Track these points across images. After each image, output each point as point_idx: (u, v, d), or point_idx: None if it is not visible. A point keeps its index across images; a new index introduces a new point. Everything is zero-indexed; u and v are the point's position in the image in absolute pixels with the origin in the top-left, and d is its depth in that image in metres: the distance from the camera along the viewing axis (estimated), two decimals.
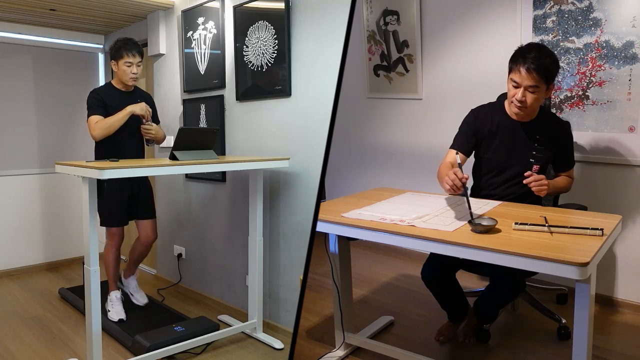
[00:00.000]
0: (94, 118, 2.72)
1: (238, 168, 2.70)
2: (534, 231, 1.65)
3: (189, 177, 3.44)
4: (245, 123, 2.96)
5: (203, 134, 2.60)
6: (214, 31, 3.10)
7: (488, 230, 1.64)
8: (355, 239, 1.99)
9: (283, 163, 2.58)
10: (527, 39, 2.83)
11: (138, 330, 2.66)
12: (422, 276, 2.23)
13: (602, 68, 2.63)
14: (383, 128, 3.73)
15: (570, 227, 1.62)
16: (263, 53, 2.76)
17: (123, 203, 2.92)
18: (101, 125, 2.70)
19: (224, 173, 3.12)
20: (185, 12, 3.32)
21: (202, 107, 3.24)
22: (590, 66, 2.67)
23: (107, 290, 3.00)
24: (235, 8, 2.93)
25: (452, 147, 2.23)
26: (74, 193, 4.16)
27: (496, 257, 1.51)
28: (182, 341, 2.48)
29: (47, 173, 4.12)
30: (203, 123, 3.24)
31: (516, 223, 1.68)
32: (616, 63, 2.58)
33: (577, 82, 2.72)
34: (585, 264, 1.35)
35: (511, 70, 2.01)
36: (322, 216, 1.93)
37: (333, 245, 2.20)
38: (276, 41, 2.67)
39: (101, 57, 4.46)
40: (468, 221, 1.70)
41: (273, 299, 2.84)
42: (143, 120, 2.82)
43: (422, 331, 2.52)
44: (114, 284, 3.02)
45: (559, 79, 2.77)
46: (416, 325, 2.60)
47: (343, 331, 2.28)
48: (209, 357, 2.55)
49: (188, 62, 3.34)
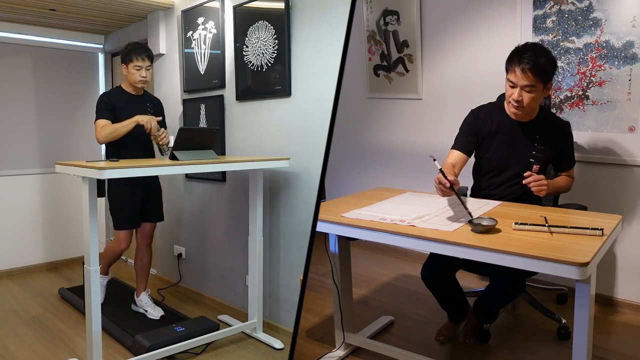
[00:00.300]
0: (101, 122, 2.72)
1: (238, 168, 2.71)
2: (534, 231, 1.65)
3: (189, 177, 3.44)
4: (245, 123, 2.96)
5: (203, 134, 2.60)
6: (214, 31, 3.10)
7: (488, 230, 1.64)
8: (355, 239, 1.99)
9: (283, 163, 2.58)
10: (527, 39, 2.83)
11: (138, 330, 2.66)
12: (422, 276, 2.23)
13: (602, 68, 2.63)
14: (383, 128, 3.73)
15: (570, 227, 1.62)
16: (263, 53, 2.76)
17: (135, 205, 2.92)
18: (107, 130, 2.69)
19: (224, 173, 3.12)
20: (185, 12, 3.32)
21: (202, 107, 3.24)
22: (590, 66, 2.67)
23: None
24: (235, 8, 2.93)
25: (453, 148, 2.23)
26: (74, 193, 4.16)
27: (496, 257, 1.51)
28: (182, 341, 2.48)
29: (47, 173, 4.12)
30: (203, 123, 3.24)
31: (516, 223, 1.68)
32: (616, 63, 2.58)
33: (577, 82, 2.72)
34: (585, 264, 1.35)
35: (507, 70, 2.01)
36: (322, 216, 1.93)
37: (333, 245, 2.20)
38: (276, 41, 2.67)
39: (101, 57, 4.46)
40: (468, 221, 1.70)
41: (273, 299, 2.84)
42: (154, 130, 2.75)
43: (422, 331, 2.52)
44: (105, 270, 3.15)
45: (559, 79, 2.77)
46: (416, 325, 2.60)
47: (343, 331, 2.28)
48: (209, 357, 2.55)
49: (188, 62, 3.34)
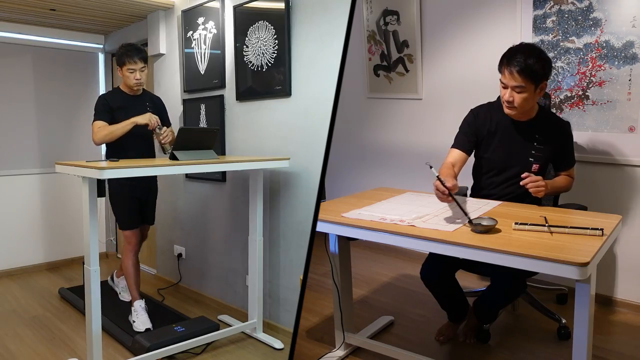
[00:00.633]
0: (98, 123, 2.72)
1: (238, 168, 2.71)
2: (534, 231, 1.65)
3: (189, 177, 3.44)
4: (245, 123, 2.96)
5: (203, 134, 2.60)
6: (214, 31, 3.10)
7: (488, 230, 1.64)
8: (355, 239, 1.99)
9: (283, 163, 2.58)
10: (527, 39, 2.83)
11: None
12: (422, 276, 2.23)
13: (602, 68, 2.63)
14: (383, 128, 3.73)
15: (570, 227, 1.62)
16: (263, 53, 2.76)
17: (136, 205, 2.92)
18: (103, 131, 2.69)
19: (224, 173, 3.12)
20: (185, 12, 3.32)
21: (202, 107, 3.24)
22: (590, 66, 2.67)
23: (130, 302, 2.95)
24: (235, 8, 2.93)
25: (453, 147, 2.23)
26: (74, 193, 4.16)
27: (496, 257, 1.51)
28: (182, 341, 2.48)
29: (47, 173, 4.12)
30: (203, 123, 3.24)
31: (516, 223, 1.68)
32: (616, 63, 2.58)
33: (577, 82, 2.72)
34: (585, 264, 1.35)
35: (499, 71, 2.05)
36: (322, 216, 1.93)
37: (333, 245, 2.20)
38: (276, 41, 2.67)
39: (101, 57, 4.46)
40: (468, 221, 1.70)
41: (273, 299, 2.84)
42: (156, 129, 2.76)
43: (422, 331, 2.52)
44: (137, 293, 2.90)
45: (559, 79, 2.77)
46: (416, 325, 2.60)
47: (343, 331, 2.28)
48: (209, 357, 2.55)
49: (188, 62, 3.34)
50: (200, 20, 3.20)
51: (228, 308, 3.11)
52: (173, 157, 2.33)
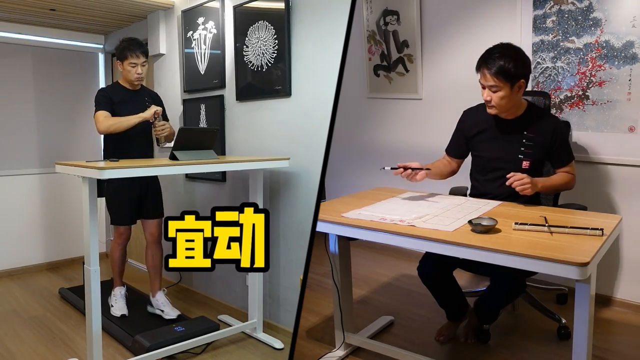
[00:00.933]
0: (102, 113, 2.71)
1: (238, 168, 2.71)
2: (534, 231, 1.65)
3: (189, 177, 3.44)
4: (245, 123, 2.96)
5: (203, 134, 2.60)
6: (214, 31, 3.10)
7: (488, 230, 1.64)
8: (355, 239, 1.99)
9: (283, 163, 2.58)
10: (527, 39, 2.84)
11: (138, 330, 2.66)
12: (419, 273, 2.24)
13: (602, 68, 2.63)
14: (383, 128, 3.72)
15: (570, 227, 1.62)
16: (263, 53, 2.76)
17: (132, 202, 2.93)
18: (109, 121, 2.68)
19: (224, 173, 3.12)
20: (185, 12, 3.32)
21: (202, 107, 3.24)
22: (590, 66, 2.67)
23: (112, 286, 3.08)
24: (235, 8, 2.93)
25: (446, 150, 2.36)
26: (74, 193, 4.15)
27: (496, 257, 1.51)
28: (182, 341, 2.48)
29: (47, 173, 4.12)
30: (203, 123, 3.24)
31: (516, 223, 1.69)
32: (616, 63, 2.58)
33: (577, 82, 2.72)
34: (585, 264, 1.35)
35: (477, 72, 2.11)
36: (322, 216, 1.93)
37: (333, 245, 2.20)
38: (276, 41, 2.67)
39: (101, 57, 4.46)
40: (468, 221, 1.70)
41: (273, 299, 2.84)
42: (155, 120, 2.75)
43: (422, 331, 2.52)
44: (119, 280, 3.08)
45: (559, 79, 2.77)
46: (416, 325, 2.60)
47: (343, 331, 2.28)
48: (209, 357, 2.55)
49: (188, 62, 3.34)
50: (200, 20, 3.20)
51: (228, 308, 3.11)
52: (173, 157, 2.33)
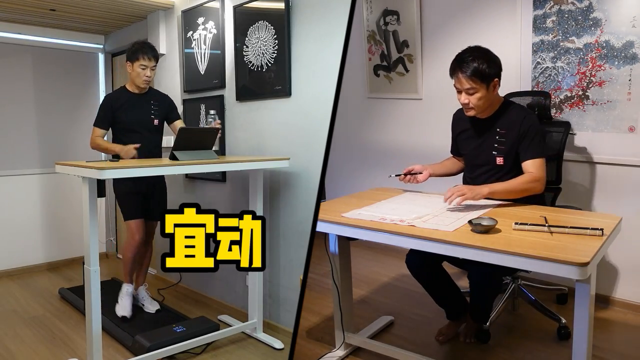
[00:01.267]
0: (96, 131, 2.86)
1: (238, 168, 2.71)
2: (534, 231, 1.65)
3: (189, 177, 3.44)
4: (245, 123, 2.96)
5: (203, 134, 2.60)
6: (214, 31, 3.10)
7: (488, 230, 1.64)
8: (355, 239, 1.99)
9: (283, 163, 2.58)
10: (527, 39, 2.84)
11: (138, 330, 2.66)
12: (407, 265, 2.26)
13: (602, 68, 2.63)
14: (383, 128, 3.72)
15: (570, 227, 1.62)
16: (263, 53, 2.76)
17: (139, 198, 2.93)
18: (97, 142, 2.84)
19: (224, 173, 3.12)
20: (185, 12, 3.32)
21: (202, 107, 3.24)
22: (590, 66, 2.67)
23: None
24: (235, 8, 2.93)
25: (450, 151, 2.41)
26: (74, 193, 4.15)
27: (496, 257, 1.51)
28: (182, 341, 2.48)
29: (47, 173, 4.12)
30: (203, 123, 3.24)
31: (516, 223, 1.69)
32: (616, 63, 2.58)
33: (577, 82, 2.72)
34: (585, 264, 1.35)
35: (451, 77, 2.12)
36: (322, 216, 1.93)
37: (333, 245, 2.20)
38: (276, 41, 2.67)
39: (101, 57, 4.46)
40: (468, 221, 1.70)
41: (273, 299, 2.84)
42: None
43: (422, 331, 2.52)
44: (129, 277, 2.98)
45: (559, 79, 2.77)
46: (416, 325, 2.60)
47: (343, 331, 2.28)
48: (209, 357, 2.55)
49: (188, 62, 3.34)
50: (200, 20, 3.20)
51: (228, 308, 3.11)
52: (173, 157, 2.33)
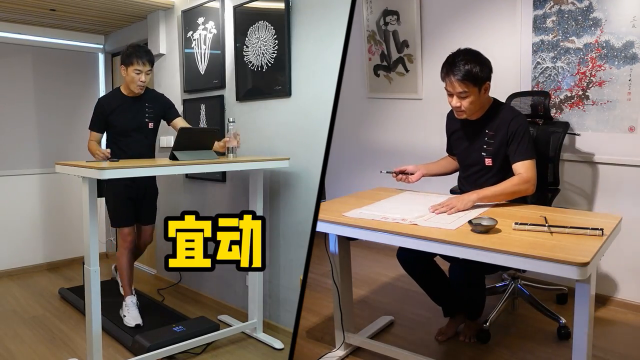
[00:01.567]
0: (91, 135, 2.87)
1: (238, 168, 2.71)
2: (534, 231, 1.65)
3: (189, 177, 3.44)
4: (245, 123, 2.96)
5: (203, 134, 2.60)
6: (214, 31, 3.10)
7: (488, 230, 1.64)
8: (355, 239, 1.99)
9: (283, 163, 2.58)
10: (527, 39, 2.84)
11: (138, 330, 2.66)
12: (399, 260, 2.26)
13: (602, 68, 2.63)
14: (383, 128, 3.72)
15: (570, 227, 1.62)
16: (263, 53, 2.76)
17: (130, 204, 2.94)
18: (89, 147, 2.83)
19: (224, 173, 3.12)
20: (185, 12, 3.32)
21: (202, 107, 3.24)
22: (590, 66, 2.67)
23: (122, 296, 2.96)
24: (235, 8, 2.93)
25: (446, 150, 2.41)
26: (74, 193, 4.15)
27: (496, 257, 1.51)
28: (182, 341, 2.48)
29: (47, 173, 4.12)
30: (203, 123, 3.24)
31: (516, 223, 1.69)
32: (616, 63, 2.58)
33: (577, 82, 2.72)
34: (585, 264, 1.35)
35: (442, 80, 2.10)
36: (322, 216, 1.93)
37: (333, 245, 2.20)
38: (276, 41, 2.67)
39: (101, 57, 4.46)
40: (468, 221, 1.70)
41: (273, 299, 2.84)
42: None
43: (422, 331, 2.52)
44: (129, 289, 2.93)
45: (559, 79, 2.77)
46: (416, 325, 2.60)
47: (343, 331, 2.28)
48: (209, 357, 2.55)
49: (188, 62, 3.34)
50: (200, 20, 3.20)
51: (228, 308, 3.11)
52: (173, 157, 2.33)
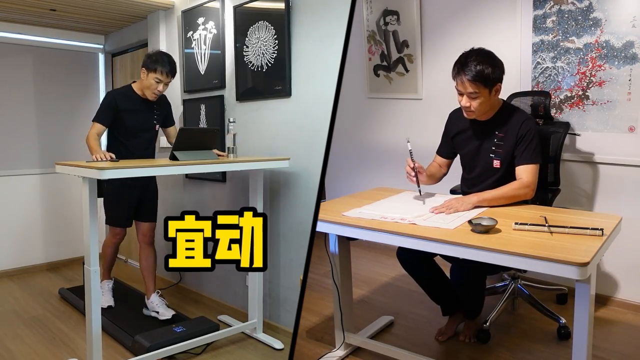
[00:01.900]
0: (95, 127, 2.75)
1: (238, 168, 2.71)
2: (534, 231, 1.65)
3: (189, 177, 3.44)
4: (245, 123, 2.96)
5: (203, 134, 2.60)
6: (214, 31, 3.10)
7: (488, 230, 1.64)
8: (355, 239, 1.99)
9: (283, 163, 2.58)
10: (527, 39, 2.84)
11: (138, 330, 2.66)
12: (399, 258, 2.25)
13: (602, 68, 2.63)
14: (383, 128, 3.72)
15: (570, 227, 1.62)
16: (263, 53, 2.76)
17: (130, 204, 2.95)
18: (89, 140, 2.69)
19: (224, 173, 3.12)
20: (185, 12, 3.32)
21: (202, 107, 3.24)
22: (590, 66, 2.67)
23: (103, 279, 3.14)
24: (235, 8, 2.93)
25: (436, 152, 2.39)
26: (74, 193, 4.15)
27: (496, 257, 1.51)
28: (182, 341, 2.48)
29: (47, 173, 4.12)
30: (203, 123, 3.24)
31: (516, 223, 1.69)
32: (616, 63, 2.58)
33: (577, 82, 2.72)
34: (585, 264, 1.35)
35: (453, 79, 2.08)
36: (322, 216, 1.93)
37: (333, 245, 2.20)
38: (276, 41, 2.67)
39: (101, 57, 4.46)
40: (468, 221, 1.70)
41: (273, 299, 2.84)
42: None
43: (422, 331, 2.52)
44: (108, 274, 3.19)
45: (559, 79, 2.77)
46: (416, 325, 2.60)
47: (343, 331, 2.28)
48: (209, 358, 2.55)
49: (188, 62, 3.34)
50: (200, 20, 3.20)
51: (228, 308, 3.11)
52: (173, 157, 2.33)
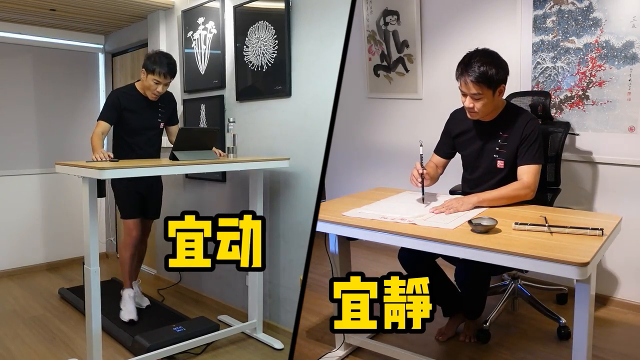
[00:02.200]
0: (101, 125, 2.72)
1: (238, 168, 2.71)
2: (534, 231, 1.65)
3: (189, 177, 3.44)
4: (245, 123, 2.96)
5: (203, 134, 2.60)
6: (214, 31, 3.10)
7: (488, 230, 1.64)
8: (355, 239, 1.99)
9: (283, 163, 2.58)
10: (527, 39, 2.84)
11: (138, 330, 2.66)
12: (400, 260, 2.24)
13: (602, 68, 2.63)
14: (383, 128, 3.72)
15: (570, 227, 1.62)
16: (263, 53, 2.76)
17: (137, 197, 2.93)
18: (93, 139, 2.66)
19: (224, 173, 3.12)
20: (185, 12, 3.32)
21: (202, 107, 3.24)
22: (590, 66, 2.67)
23: (122, 287, 2.98)
24: (235, 8, 2.93)
25: (434, 151, 2.37)
26: (74, 193, 4.15)
27: (496, 257, 1.51)
28: (182, 341, 2.48)
29: (47, 173, 4.12)
30: (203, 123, 3.24)
31: (516, 223, 1.69)
32: (616, 63, 2.58)
33: (577, 82, 2.72)
34: (585, 264, 1.35)
35: (457, 79, 2.08)
36: (322, 216, 1.93)
37: (333, 245, 2.20)
38: (276, 41, 2.67)
39: (101, 57, 4.46)
40: (468, 221, 1.70)
41: (273, 299, 2.84)
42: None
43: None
44: (129, 282, 2.95)
45: (559, 79, 2.77)
46: None
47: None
48: (209, 358, 2.55)
49: (188, 62, 3.34)
50: (200, 20, 3.20)
51: (228, 308, 3.11)
52: (173, 157, 2.33)
